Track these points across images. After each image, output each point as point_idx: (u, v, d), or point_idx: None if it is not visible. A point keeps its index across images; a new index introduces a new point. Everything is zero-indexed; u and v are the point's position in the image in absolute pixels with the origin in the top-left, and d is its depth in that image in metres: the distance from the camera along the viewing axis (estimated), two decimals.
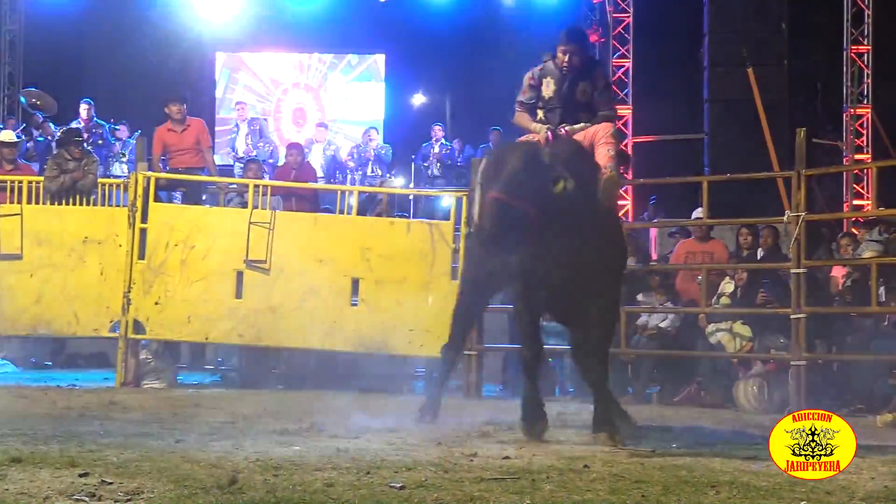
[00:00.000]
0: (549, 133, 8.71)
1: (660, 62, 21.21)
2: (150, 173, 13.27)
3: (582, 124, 8.74)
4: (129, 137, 17.91)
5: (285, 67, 22.57)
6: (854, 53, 19.65)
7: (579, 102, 8.86)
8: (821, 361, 11.68)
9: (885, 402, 10.95)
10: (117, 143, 18.39)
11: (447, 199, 14.22)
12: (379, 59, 22.22)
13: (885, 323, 11.98)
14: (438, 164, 19.19)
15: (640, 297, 12.91)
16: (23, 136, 17.62)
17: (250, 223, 12.90)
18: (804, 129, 11.71)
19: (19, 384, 12.17)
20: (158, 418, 9.06)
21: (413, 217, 14.54)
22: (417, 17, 21.18)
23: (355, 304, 12.84)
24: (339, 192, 14.84)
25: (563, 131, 8.71)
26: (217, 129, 20.83)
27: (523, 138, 9.08)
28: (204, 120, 16.74)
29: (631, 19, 20.81)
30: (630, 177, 14.85)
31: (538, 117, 9.00)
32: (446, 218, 13.31)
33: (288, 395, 11.79)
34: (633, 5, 20.78)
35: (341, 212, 13.79)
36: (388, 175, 19.04)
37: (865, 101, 19.87)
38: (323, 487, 5.39)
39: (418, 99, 22.31)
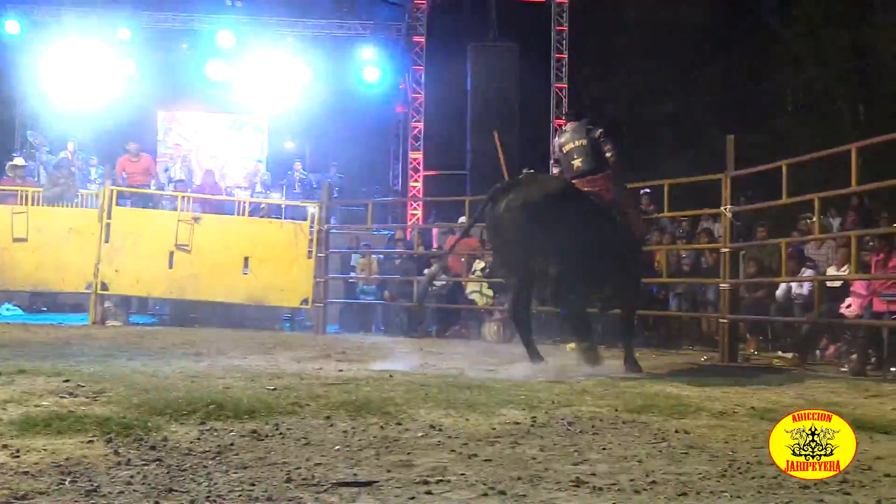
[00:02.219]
0: None
1: (442, 126, 21.45)
2: (113, 188, 13.04)
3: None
4: (101, 164, 17.34)
5: (202, 122, 22.06)
6: (557, 125, 19.92)
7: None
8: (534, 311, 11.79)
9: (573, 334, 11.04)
10: (92, 170, 17.88)
11: (310, 208, 14.19)
12: (263, 118, 21.92)
13: None
14: (299, 186, 19.14)
15: (425, 271, 13.00)
16: (28, 162, 17.20)
17: (178, 221, 12.76)
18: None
19: (25, 322, 11.88)
20: (117, 346, 8.85)
21: (284, 219, 14.49)
22: (291, 90, 21.02)
23: (246, 273, 12.77)
24: (236, 202, 14.90)
25: None
26: (158, 159, 20.23)
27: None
28: (150, 155, 16.47)
29: (423, 97, 20.96)
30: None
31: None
32: (305, 219, 13.28)
33: (202, 331, 11.64)
34: (424, 88, 20.95)
35: (238, 214, 13.94)
36: (267, 192, 18.95)
37: None
38: (223, 389, 5.37)
39: (289, 144, 22.07)
